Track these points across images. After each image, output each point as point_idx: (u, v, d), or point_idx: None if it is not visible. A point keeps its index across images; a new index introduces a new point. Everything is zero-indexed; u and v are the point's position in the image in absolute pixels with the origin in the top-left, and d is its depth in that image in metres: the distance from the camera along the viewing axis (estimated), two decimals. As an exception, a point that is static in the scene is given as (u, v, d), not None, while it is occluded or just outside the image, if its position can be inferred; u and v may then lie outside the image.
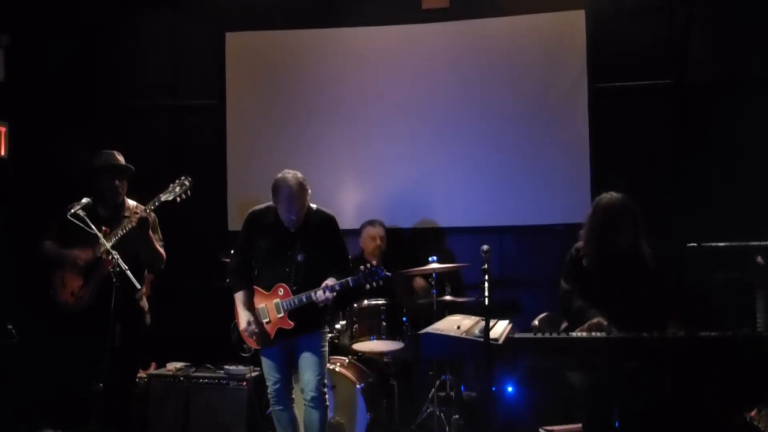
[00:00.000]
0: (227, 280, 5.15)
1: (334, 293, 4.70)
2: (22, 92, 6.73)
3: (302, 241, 4.84)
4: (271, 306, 4.84)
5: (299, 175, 4.79)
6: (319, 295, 4.69)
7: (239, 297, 4.95)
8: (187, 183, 4.93)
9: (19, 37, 6.70)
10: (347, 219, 6.52)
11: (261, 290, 4.91)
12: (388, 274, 4.77)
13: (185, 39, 7.30)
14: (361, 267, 4.77)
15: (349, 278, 4.71)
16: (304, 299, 4.73)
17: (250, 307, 4.90)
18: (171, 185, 4.93)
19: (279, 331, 4.85)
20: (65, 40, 7.06)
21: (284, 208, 4.76)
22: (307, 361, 4.87)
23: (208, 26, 7.23)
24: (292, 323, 4.79)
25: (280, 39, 7.16)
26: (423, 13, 6.94)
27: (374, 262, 5.47)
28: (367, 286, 4.74)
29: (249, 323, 4.83)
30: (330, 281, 4.72)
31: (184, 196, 4.93)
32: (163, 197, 4.89)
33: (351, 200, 6.94)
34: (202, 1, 7.17)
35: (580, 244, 4.58)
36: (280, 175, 4.81)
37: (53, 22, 6.96)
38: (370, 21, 7.00)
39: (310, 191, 4.82)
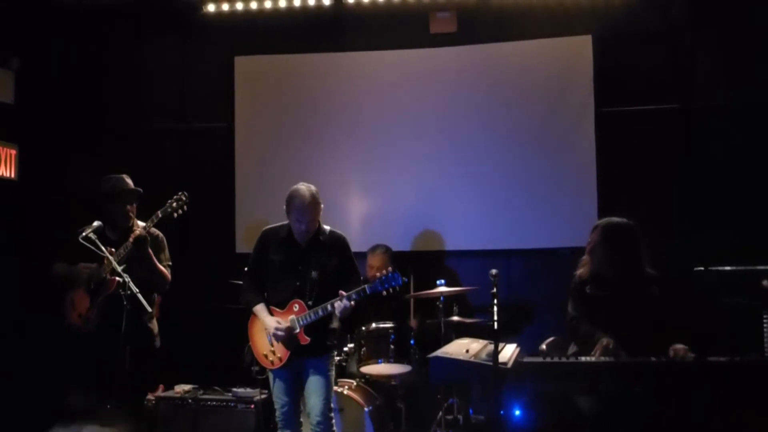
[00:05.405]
0: (240, 299, 5.02)
1: (352, 302, 4.62)
2: (32, 115, 6.78)
3: (315, 257, 4.81)
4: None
5: (313, 188, 4.80)
6: (338, 304, 4.62)
7: (260, 308, 4.86)
8: (183, 198, 4.97)
9: (29, 60, 6.76)
10: (355, 242, 6.44)
11: (275, 308, 4.85)
12: (405, 279, 4.71)
13: (194, 63, 7.37)
14: (378, 273, 4.71)
15: (365, 286, 4.64)
16: (321, 312, 4.66)
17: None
18: (168, 201, 4.97)
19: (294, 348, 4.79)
20: (75, 64, 7.12)
21: (295, 218, 4.75)
22: (313, 385, 4.82)
23: (217, 50, 7.29)
24: (308, 339, 4.73)
25: (289, 63, 7.22)
26: (430, 37, 7.01)
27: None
28: (384, 293, 4.64)
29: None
30: (345, 292, 4.64)
31: (180, 211, 4.96)
32: (161, 214, 4.93)
33: (358, 223, 6.95)
34: (212, 25, 7.22)
35: (580, 271, 4.59)
36: (294, 186, 4.82)
37: (63, 45, 7.03)
38: (377, 45, 7.05)
39: (322, 206, 4.83)
